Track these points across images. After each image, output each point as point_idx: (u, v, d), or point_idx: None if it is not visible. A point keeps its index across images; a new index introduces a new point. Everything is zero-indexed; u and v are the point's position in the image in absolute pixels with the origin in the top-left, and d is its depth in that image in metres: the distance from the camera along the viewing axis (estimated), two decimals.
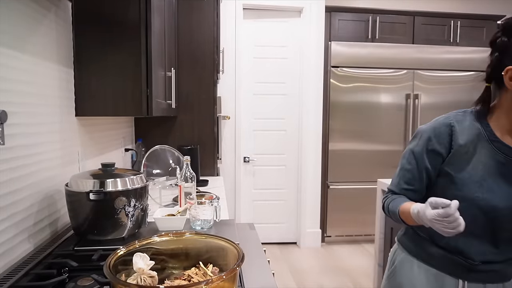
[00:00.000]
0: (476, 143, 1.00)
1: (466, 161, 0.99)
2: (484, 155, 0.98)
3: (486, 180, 0.97)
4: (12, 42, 1.03)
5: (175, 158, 2.03)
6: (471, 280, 1.03)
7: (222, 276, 0.67)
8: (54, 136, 1.30)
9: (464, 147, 1.00)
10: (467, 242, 1.01)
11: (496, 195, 0.96)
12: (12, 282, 0.89)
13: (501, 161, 0.97)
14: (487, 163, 0.98)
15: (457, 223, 0.84)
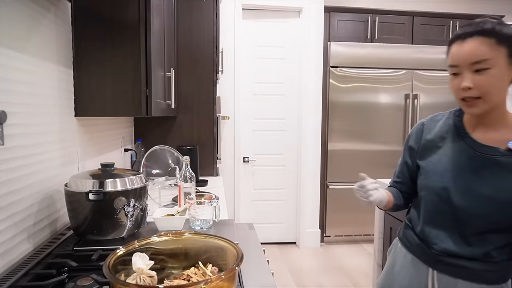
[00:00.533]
0: (445, 138, 1.07)
1: (433, 154, 1.08)
2: (452, 149, 1.04)
3: (448, 171, 1.03)
4: (11, 42, 1.03)
5: (175, 158, 2.03)
6: (439, 270, 1.06)
7: (221, 276, 0.67)
8: (54, 136, 1.30)
9: (431, 141, 1.10)
10: (433, 231, 1.07)
11: (456, 187, 1.00)
12: (12, 282, 0.89)
13: (469, 155, 1.00)
14: (454, 157, 1.03)
15: (367, 194, 1.11)
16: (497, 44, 0.90)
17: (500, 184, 0.95)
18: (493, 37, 0.91)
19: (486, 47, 0.90)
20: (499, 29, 0.91)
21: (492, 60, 0.90)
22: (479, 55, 0.91)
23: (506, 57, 0.91)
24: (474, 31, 0.93)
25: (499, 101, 0.96)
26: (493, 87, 0.92)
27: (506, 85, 0.94)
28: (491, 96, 0.93)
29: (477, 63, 0.91)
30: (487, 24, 0.93)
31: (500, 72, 0.91)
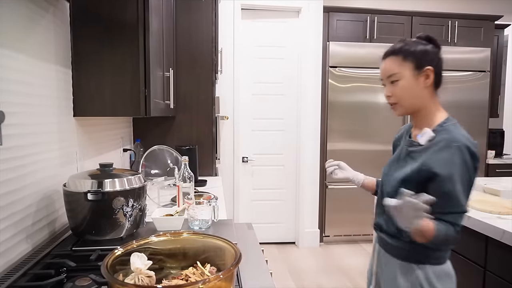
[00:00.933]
0: (401, 138, 1.30)
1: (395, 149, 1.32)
2: (400, 146, 1.26)
3: (389, 165, 1.27)
4: (10, 42, 1.03)
5: (173, 158, 2.03)
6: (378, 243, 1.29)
7: (219, 276, 0.67)
8: (52, 136, 1.30)
9: (396, 140, 1.34)
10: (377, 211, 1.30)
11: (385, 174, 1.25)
12: (10, 282, 0.89)
13: (406, 152, 1.20)
14: (398, 153, 1.25)
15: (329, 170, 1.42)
16: (403, 60, 1.13)
17: (403, 169, 1.16)
18: (401, 55, 1.14)
19: (395, 64, 1.14)
20: (406, 48, 1.13)
21: (399, 73, 1.13)
22: (389, 70, 1.15)
23: (412, 70, 1.12)
24: (388, 52, 1.18)
25: (417, 104, 1.16)
26: (404, 94, 1.14)
27: (419, 91, 1.14)
28: (404, 101, 1.15)
29: (390, 76, 1.15)
30: (398, 45, 1.16)
31: (407, 82, 1.13)
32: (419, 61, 1.12)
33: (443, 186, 1.04)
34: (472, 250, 1.61)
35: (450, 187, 1.03)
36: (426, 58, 1.12)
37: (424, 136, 1.11)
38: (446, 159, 1.05)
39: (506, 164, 3.95)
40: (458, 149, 1.04)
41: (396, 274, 1.17)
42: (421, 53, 1.13)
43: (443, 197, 1.03)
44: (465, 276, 1.66)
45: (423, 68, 1.12)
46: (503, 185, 2.06)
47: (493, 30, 3.89)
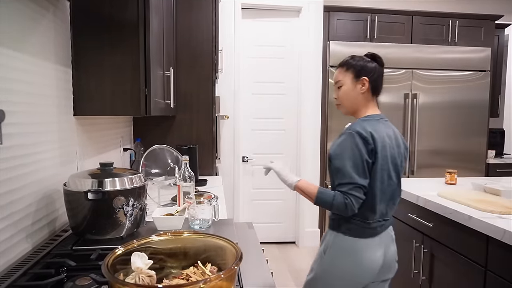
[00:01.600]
0: None
1: None
2: None
3: None
4: (10, 42, 1.03)
5: (174, 158, 2.03)
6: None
7: (220, 275, 0.67)
8: (53, 135, 1.30)
9: None
10: None
11: None
12: (10, 281, 0.89)
13: None
14: None
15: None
16: (346, 70, 1.44)
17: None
18: (345, 66, 1.44)
19: (340, 73, 1.45)
20: (350, 62, 1.44)
21: (342, 81, 1.44)
22: (336, 78, 1.47)
23: (352, 78, 1.42)
24: (338, 64, 1.48)
25: (354, 106, 1.44)
26: (344, 97, 1.45)
27: (356, 95, 1.42)
28: (345, 103, 1.46)
29: (336, 83, 1.47)
30: (345, 59, 1.46)
31: (348, 88, 1.43)
32: (357, 72, 1.41)
33: (333, 163, 1.35)
34: (473, 250, 1.61)
35: (339, 164, 1.31)
36: (363, 71, 1.41)
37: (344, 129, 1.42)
38: (339, 143, 1.35)
39: (507, 164, 3.95)
40: (350, 135, 1.32)
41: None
42: (360, 66, 1.41)
43: (335, 171, 1.34)
44: (466, 276, 1.66)
45: (360, 78, 1.41)
46: (504, 184, 2.06)
47: (493, 30, 3.89)
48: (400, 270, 2.21)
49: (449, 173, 2.30)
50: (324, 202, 1.33)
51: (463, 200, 1.78)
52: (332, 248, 1.38)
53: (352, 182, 1.28)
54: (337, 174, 1.32)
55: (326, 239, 1.43)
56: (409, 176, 3.75)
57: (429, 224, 1.89)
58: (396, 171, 1.38)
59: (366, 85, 1.40)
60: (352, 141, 1.30)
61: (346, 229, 1.36)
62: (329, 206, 1.32)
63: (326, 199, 1.32)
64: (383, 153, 1.32)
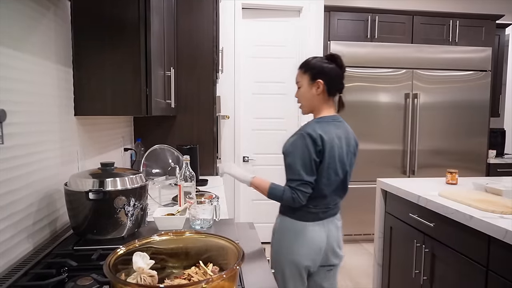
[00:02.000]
0: None
1: None
2: None
3: None
4: (11, 41, 1.03)
5: (175, 158, 2.03)
6: None
7: (222, 275, 0.67)
8: (53, 135, 1.30)
9: None
10: None
11: None
12: (11, 281, 0.89)
13: None
14: None
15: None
16: (304, 72, 1.53)
17: None
18: (303, 68, 1.54)
19: (299, 75, 1.55)
20: (307, 64, 1.52)
21: (300, 82, 1.54)
22: (296, 79, 1.56)
23: (308, 81, 1.51)
24: (299, 66, 1.56)
25: (311, 107, 1.54)
26: (302, 98, 1.55)
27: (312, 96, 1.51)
28: (303, 103, 1.56)
29: (297, 83, 1.56)
30: (305, 61, 1.55)
31: (305, 89, 1.53)
32: (313, 75, 1.49)
33: (286, 160, 1.51)
34: (474, 250, 1.61)
35: (289, 161, 1.47)
36: (319, 73, 1.49)
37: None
38: (291, 142, 1.48)
39: (507, 164, 3.95)
40: (301, 135, 1.44)
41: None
42: (317, 69, 1.49)
43: (287, 168, 1.50)
44: (467, 276, 1.65)
45: (315, 80, 1.49)
46: (505, 184, 2.06)
47: (494, 30, 3.89)
48: (401, 270, 2.21)
49: (450, 173, 2.29)
50: (274, 196, 1.49)
51: (464, 200, 1.78)
52: (279, 229, 1.56)
53: (300, 179, 1.43)
54: (288, 171, 1.49)
55: (275, 223, 1.60)
56: (409, 176, 3.75)
57: (430, 224, 1.88)
58: (343, 168, 1.52)
59: (320, 87, 1.49)
60: (303, 142, 1.43)
61: (290, 213, 1.53)
62: (279, 200, 1.49)
63: (276, 193, 1.48)
64: (331, 153, 1.45)
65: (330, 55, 1.51)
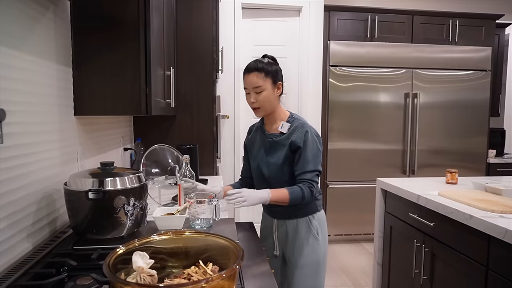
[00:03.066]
0: (256, 135, 1.70)
1: (253, 146, 1.70)
2: (259, 141, 1.66)
3: (259, 154, 1.64)
4: (10, 40, 1.03)
5: (174, 157, 2.03)
6: (274, 217, 1.67)
7: (222, 275, 0.67)
8: (53, 135, 1.30)
9: (251, 139, 1.73)
10: None
11: (262, 162, 1.62)
12: (11, 281, 0.89)
13: (265, 142, 1.62)
14: (260, 145, 1.65)
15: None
16: (265, 76, 1.53)
17: (276, 154, 1.57)
18: (262, 72, 1.53)
19: (259, 78, 1.52)
20: (266, 67, 1.53)
21: (263, 86, 1.52)
22: (256, 83, 1.52)
23: (271, 84, 1.54)
24: (252, 68, 1.53)
25: (272, 108, 1.57)
26: (265, 101, 1.54)
27: (275, 98, 1.57)
28: (265, 107, 1.55)
29: (256, 88, 1.52)
30: (260, 64, 1.53)
31: (268, 92, 1.54)
32: (274, 78, 1.55)
33: (302, 153, 1.51)
34: (474, 249, 1.61)
35: (306, 154, 1.50)
36: (277, 75, 1.57)
37: (284, 127, 1.57)
38: (302, 136, 1.52)
39: (507, 164, 3.95)
40: (308, 128, 1.54)
41: (296, 229, 1.61)
42: (275, 72, 1.56)
43: (302, 160, 1.50)
44: (467, 275, 1.65)
45: (277, 83, 1.56)
46: (505, 184, 2.05)
47: (494, 29, 3.89)
48: (401, 269, 2.21)
49: (450, 173, 2.29)
50: (296, 199, 1.48)
51: (464, 200, 1.78)
52: (320, 227, 1.63)
53: (316, 169, 1.51)
54: (303, 162, 1.51)
55: (312, 224, 1.61)
56: (409, 175, 3.75)
57: (430, 224, 1.88)
58: None
59: (281, 89, 1.59)
60: (311, 135, 1.53)
61: (319, 205, 1.64)
62: (301, 200, 1.48)
63: (297, 196, 1.48)
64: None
65: (271, 56, 1.62)
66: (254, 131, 1.74)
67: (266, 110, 1.57)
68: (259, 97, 1.53)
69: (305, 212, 1.60)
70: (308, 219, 1.60)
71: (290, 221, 1.62)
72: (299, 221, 1.60)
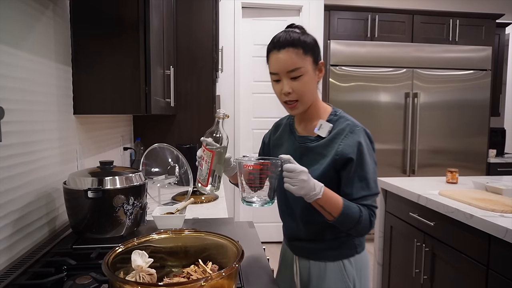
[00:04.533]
0: (283, 136, 1.24)
1: (277, 150, 1.22)
2: (287, 144, 1.20)
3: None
4: (9, 39, 1.02)
5: (174, 157, 2.02)
6: (296, 253, 1.22)
7: (221, 273, 0.66)
8: (52, 134, 1.29)
9: (276, 140, 1.27)
10: (284, 219, 1.28)
11: None
12: (10, 280, 0.89)
13: (295, 147, 1.16)
14: (288, 151, 1.16)
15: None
16: (304, 53, 1.03)
17: (311, 167, 1.05)
18: (300, 47, 1.03)
19: (298, 57, 1.03)
20: (304, 39, 1.04)
21: (303, 68, 1.04)
22: (292, 64, 1.03)
23: (312, 64, 1.06)
24: (287, 42, 1.03)
25: (312, 100, 1.12)
26: (307, 90, 1.07)
27: (315, 86, 1.11)
28: (306, 98, 1.08)
29: (292, 71, 1.04)
30: (295, 34, 1.04)
31: (309, 77, 1.06)
32: (316, 55, 1.07)
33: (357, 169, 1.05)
34: (474, 248, 1.61)
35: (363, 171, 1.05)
36: (318, 51, 1.09)
37: (324, 128, 1.10)
38: (355, 144, 1.05)
39: (507, 163, 3.94)
40: (361, 132, 1.08)
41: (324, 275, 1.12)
42: (315, 45, 1.07)
43: (358, 180, 1.04)
44: (468, 275, 1.65)
45: (318, 62, 1.09)
46: (505, 183, 2.05)
47: (494, 29, 3.89)
48: (401, 269, 2.20)
49: (450, 172, 2.29)
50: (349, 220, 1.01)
51: (465, 199, 1.78)
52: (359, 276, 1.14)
53: (377, 192, 1.06)
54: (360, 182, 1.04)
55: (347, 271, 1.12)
56: (409, 175, 3.74)
57: (430, 223, 1.88)
58: None
59: (323, 71, 1.11)
60: (365, 141, 1.07)
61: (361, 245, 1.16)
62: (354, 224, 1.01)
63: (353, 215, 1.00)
64: None
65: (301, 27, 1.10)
66: (282, 130, 1.27)
67: (305, 103, 1.10)
68: (297, 85, 1.05)
69: (339, 253, 1.13)
70: (341, 264, 1.12)
71: (315, 264, 1.15)
72: (329, 266, 1.12)
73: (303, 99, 1.08)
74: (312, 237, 1.15)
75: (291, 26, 1.09)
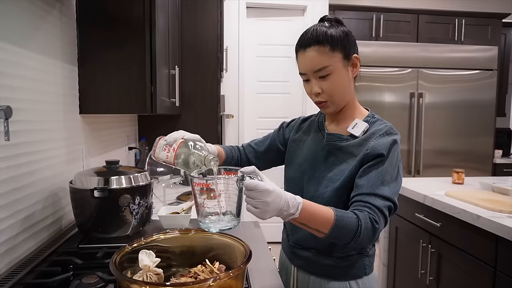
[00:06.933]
0: (309, 132, 1.14)
1: (298, 147, 1.14)
2: (311, 142, 1.11)
3: (306, 161, 1.08)
4: (16, 38, 1.03)
5: None
6: (295, 265, 1.11)
7: (229, 274, 0.66)
8: (59, 133, 1.29)
9: (300, 136, 1.17)
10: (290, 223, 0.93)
11: (308, 174, 1.06)
12: (17, 279, 0.89)
13: (322, 146, 1.06)
14: (311, 148, 1.09)
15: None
16: (332, 50, 0.96)
17: (338, 167, 1.00)
18: (327, 44, 0.95)
19: (324, 55, 0.96)
20: (331, 33, 0.96)
21: (331, 66, 0.96)
22: (318, 64, 0.96)
23: (342, 60, 0.98)
24: (312, 40, 0.96)
25: (346, 99, 1.04)
26: (337, 90, 1.00)
27: (348, 83, 1.03)
28: (337, 98, 1.01)
29: (319, 71, 0.97)
30: (321, 30, 0.96)
31: (339, 75, 0.99)
32: (346, 49, 0.98)
33: (381, 165, 0.93)
34: (481, 249, 1.59)
35: (385, 169, 0.93)
36: (350, 44, 0.99)
37: (359, 127, 1.02)
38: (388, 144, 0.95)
39: None
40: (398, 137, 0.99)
41: None
42: (345, 38, 0.98)
43: (376, 175, 0.92)
44: (474, 276, 1.64)
45: (350, 56, 1.00)
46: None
47: (500, 28, 3.86)
48: (407, 270, 2.19)
49: (456, 173, 2.27)
50: (343, 232, 0.85)
51: (471, 200, 1.76)
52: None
53: (391, 199, 0.92)
54: (375, 180, 0.92)
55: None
56: (415, 175, 3.72)
57: (437, 224, 1.86)
58: None
59: (358, 65, 1.04)
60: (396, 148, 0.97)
61: (370, 265, 1.04)
62: (351, 237, 0.85)
63: (347, 227, 0.84)
64: None
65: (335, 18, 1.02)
66: (308, 126, 1.17)
67: (337, 103, 1.02)
68: (326, 84, 0.98)
69: (346, 272, 1.02)
70: (347, 286, 1.02)
71: (317, 280, 1.04)
72: (332, 285, 1.02)
73: (333, 99, 1.01)
74: (320, 248, 1.03)
75: (323, 20, 1.01)
